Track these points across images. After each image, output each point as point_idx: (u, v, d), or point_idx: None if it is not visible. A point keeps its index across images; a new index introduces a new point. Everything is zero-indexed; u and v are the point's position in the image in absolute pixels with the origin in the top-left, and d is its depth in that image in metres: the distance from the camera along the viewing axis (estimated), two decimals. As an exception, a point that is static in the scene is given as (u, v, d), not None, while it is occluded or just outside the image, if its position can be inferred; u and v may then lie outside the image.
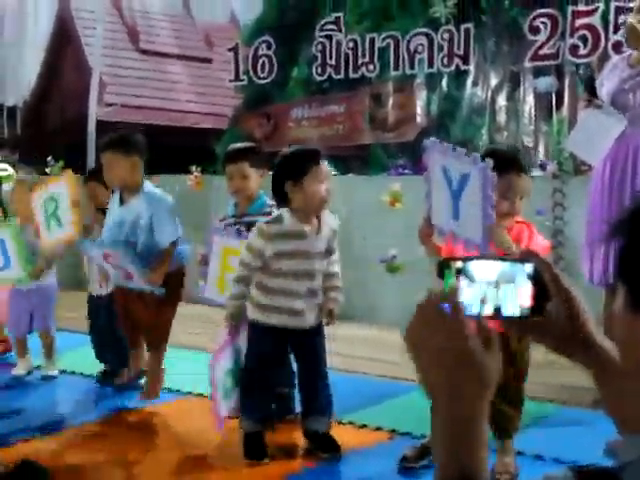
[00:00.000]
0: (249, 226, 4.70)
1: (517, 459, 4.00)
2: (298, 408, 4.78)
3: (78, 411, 5.18)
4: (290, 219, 4.07)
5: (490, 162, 3.26)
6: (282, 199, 4.10)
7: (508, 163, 3.81)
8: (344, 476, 4.05)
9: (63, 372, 5.85)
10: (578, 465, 1.06)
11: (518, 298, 1.29)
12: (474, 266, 1.28)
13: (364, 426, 4.60)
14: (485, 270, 1.29)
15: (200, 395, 5.27)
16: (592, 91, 5.09)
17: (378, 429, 4.52)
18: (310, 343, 4.25)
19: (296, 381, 4.51)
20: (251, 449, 4.24)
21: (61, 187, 5.29)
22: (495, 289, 1.29)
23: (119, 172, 4.93)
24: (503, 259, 1.32)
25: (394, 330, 4.16)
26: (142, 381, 5.28)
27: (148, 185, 5.04)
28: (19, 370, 5.84)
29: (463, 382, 1.22)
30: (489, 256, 1.32)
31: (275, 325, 4.14)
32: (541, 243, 3.80)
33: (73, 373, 5.85)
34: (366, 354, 5.18)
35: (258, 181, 4.81)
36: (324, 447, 4.24)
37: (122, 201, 5.02)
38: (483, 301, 1.28)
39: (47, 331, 5.87)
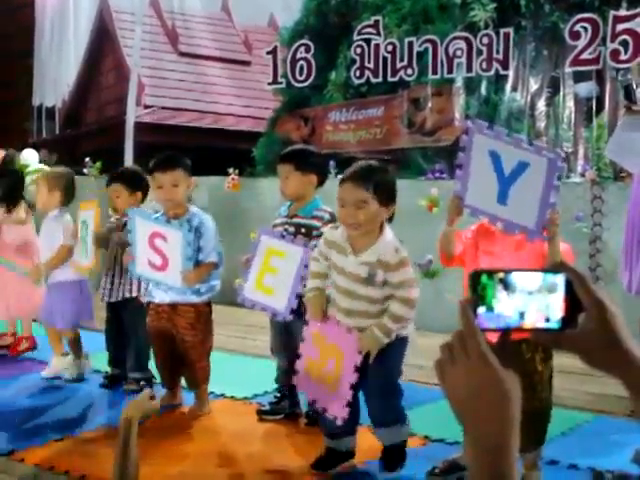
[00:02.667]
0: (297, 228, 4.72)
1: (551, 469, 3.96)
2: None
3: (103, 412, 5.21)
4: (342, 230, 4.00)
5: (560, 152, 3.30)
6: None
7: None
8: (376, 481, 4.04)
9: (97, 372, 5.87)
10: (601, 471, 1.04)
11: (552, 310, 1.28)
12: (515, 277, 1.27)
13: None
14: (525, 282, 1.27)
15: (232, 398, 5.28)
16: (630, 98, 5.03)
17: (411, 435, 4.48)
18: (368, 364, 4.07)
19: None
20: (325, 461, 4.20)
21: (89, 215, 5.59)
22: (533, 301, 1.27)
23: (167, 191, 4.91)
24: (538, 270, 1.30)
25: (430, 335, 4.13)
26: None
27: (194, 208, 5.07)
28: (48, 371, 5.89)
29: (486, 410, 1.22)
30: (526, 268, 1.29)
31: None
32: None
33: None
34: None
35: (305, 184, 4.78)
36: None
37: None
38: (521, 313, 1.27)
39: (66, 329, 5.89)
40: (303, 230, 4.70)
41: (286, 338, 4.83)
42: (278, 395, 4.97)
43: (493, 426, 1.21)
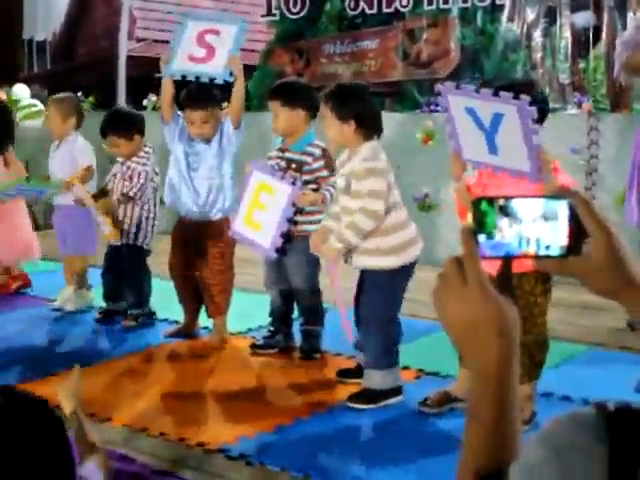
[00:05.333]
0: (288, 162, 4.70)
1: (545, 400, 3.98)
2: (324, 347, 4.82)
3: (100, 348, 5.22)
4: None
5: (527, 98, 3.28)
6: None
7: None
8: (368, 413, 4.06)
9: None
10: (604, 402, 1.03)
11: (555, 237, 1.25)
12: (516, 204, 1.24)
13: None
14: (526, 208, 1.25)
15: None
16: None
17: (405, 368, 4.50)
18: (359, 284, 4.24)
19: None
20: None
21: None
22: (535, 227, 1.25)
23: (198, 127, 5.02)
24: (540, 196, 1.27)
25: (424, 269, 4.13)
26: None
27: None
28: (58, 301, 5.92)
29: (486, 338, 1.20)
30: (528, 194, 1.26)
31: None
32: None
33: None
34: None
35: (294, 119, 4.73)
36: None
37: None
38: (523, 240, 1.24)
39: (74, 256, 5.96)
40: (294, 165, 4.71)
41: (279, 273, 4.85)
42: (272, 329, 4.98)
43: (492, 354, 1.19)
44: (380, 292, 4.14)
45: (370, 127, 4.15)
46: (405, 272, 4.17)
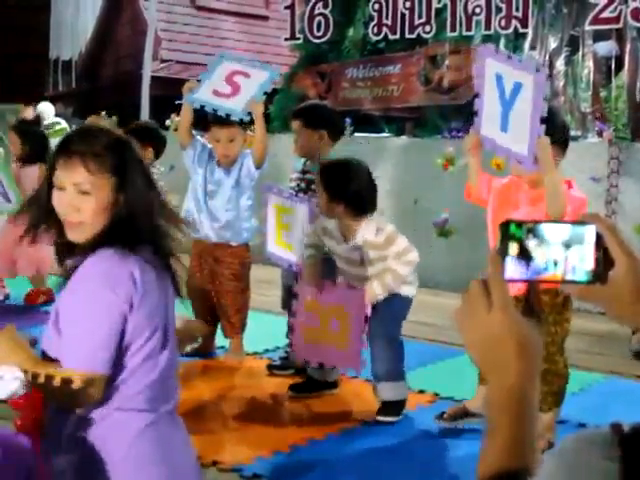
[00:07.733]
0: (309, 183, 4.73)
1: (561, 427, 3.96)
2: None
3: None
4: (334, 221, 4.36)
5: (545, 70, 3.27)
6: None
7: None
8: (382, 435, 4.06)
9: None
10: (619, 423, 1.03)
11: (582, 262, 1.27)
12: (544, 228, 1.26)
13: (408, 388, 4.59)
14: (554, 233, 1.26)
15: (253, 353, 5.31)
16: None
17: (421, 392, 4.51)
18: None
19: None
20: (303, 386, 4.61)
21: None
22: (562, 252, 1.26)
23: (224, 146, 5.02)
24: (567, 222, 1.29)
25: (442, 294, 4.14)
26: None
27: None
28: None
29: (508, 357, 1.21)
30: (555, 220, 1.28)
31: None
32: None
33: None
34: (414, 318, 5.16)
35: (316, 140, 4.76)
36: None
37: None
38: (550, 264, 1.26)
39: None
40: (314, 186, 4.72)
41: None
42: (289, 350, 4.99)
43: (513, 373, 1.20)
44: (397, 315, 4.29)
45: (360, 207, 4.20)
46: (412, 299, 4.36)
